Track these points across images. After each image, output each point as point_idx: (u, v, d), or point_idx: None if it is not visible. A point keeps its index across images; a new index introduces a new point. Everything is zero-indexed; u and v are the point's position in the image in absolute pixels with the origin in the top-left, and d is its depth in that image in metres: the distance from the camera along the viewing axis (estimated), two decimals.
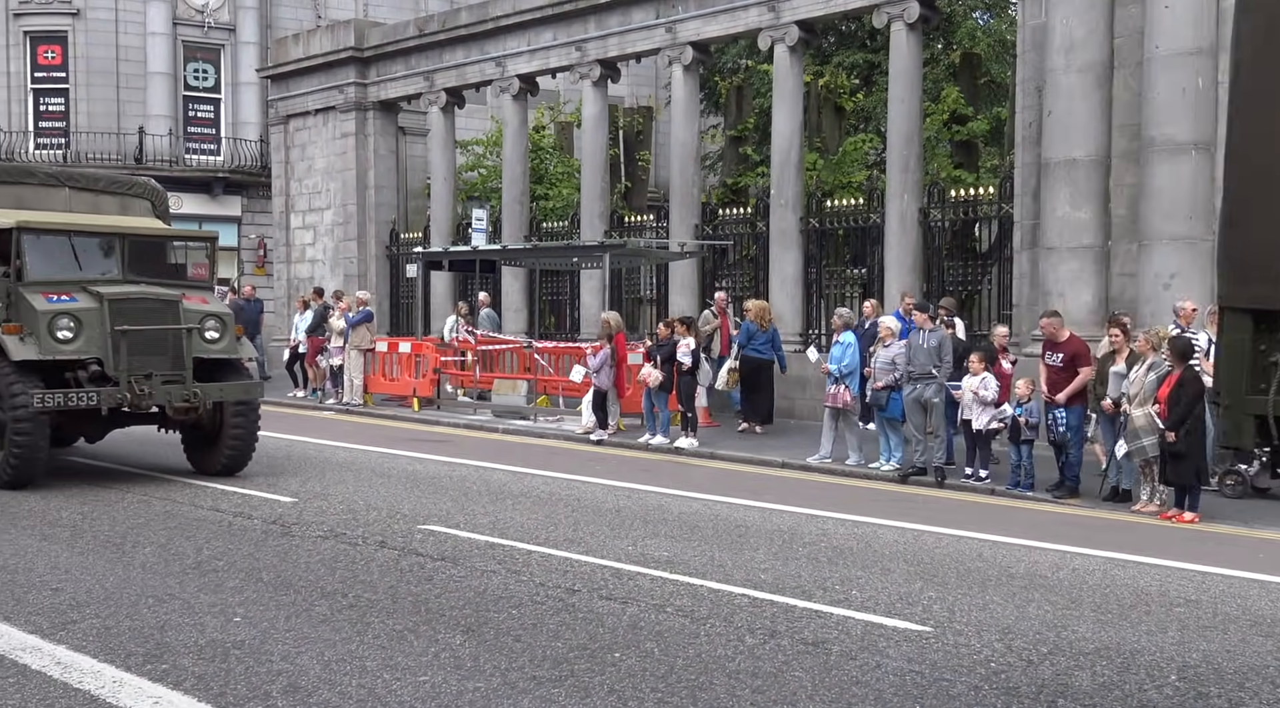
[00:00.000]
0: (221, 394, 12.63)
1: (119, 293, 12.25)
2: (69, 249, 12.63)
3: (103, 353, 12.02)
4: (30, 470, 11.84)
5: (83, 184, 13.93)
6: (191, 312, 12.57)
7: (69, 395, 11.76)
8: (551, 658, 6.73)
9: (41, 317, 11.86)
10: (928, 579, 8.97)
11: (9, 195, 13.22)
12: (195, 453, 13.37)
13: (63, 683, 6.11)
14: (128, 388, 11.93)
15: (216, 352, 12.78)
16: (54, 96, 35.23)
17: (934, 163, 24.37)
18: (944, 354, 13.66)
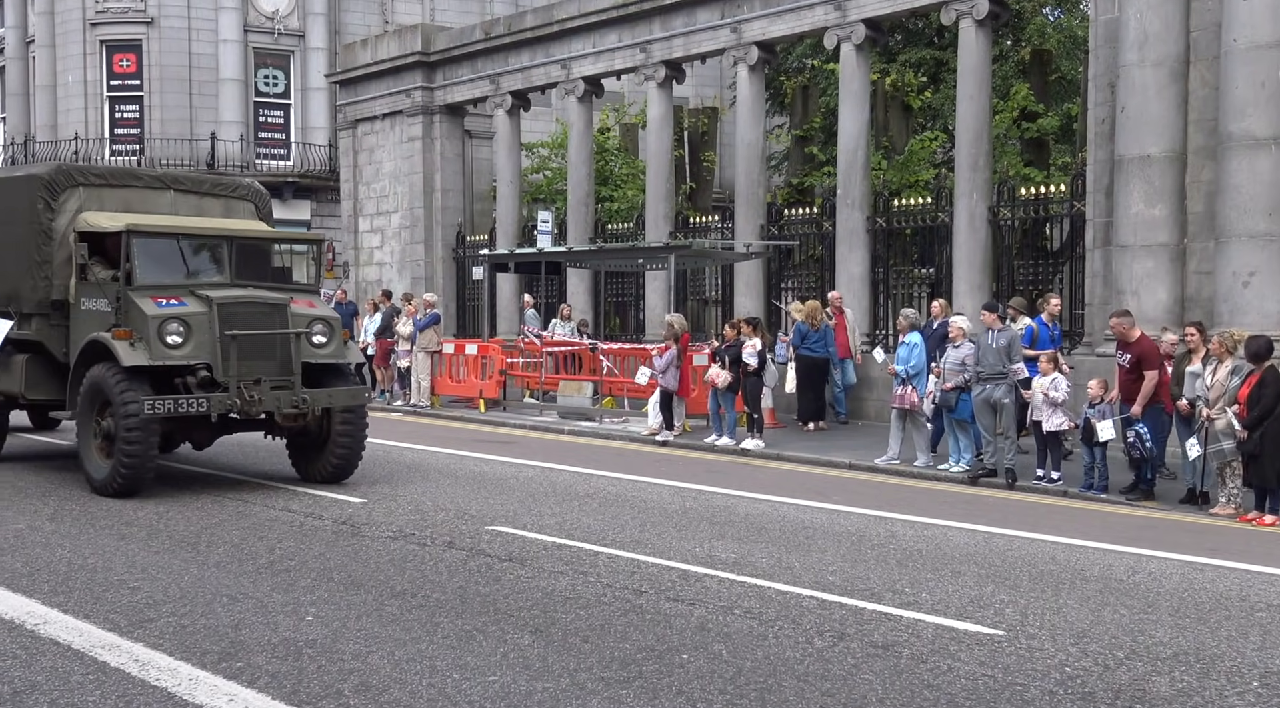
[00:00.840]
0: (330, 400, 12.31)
1: (228, 297, 12.04)
2: (177, 252, 12.43)
3: (212, 358, 11.77)
4: (140, 478, 11.62)
5: (187, 187, 13.74)
6: (299, 315, 12.31)
7: (179, 402, 11.51)
8: (619, 659, 6.72)
9: (151, 321, 11.61)
10: (999, 582, 8.85)
11: (116, 198, 13.06)
12: (301, 460, 13.05)
13: (140, 680, 6.21)
14: (237, 394, 11.67)
15: (324, 356, 12.51)
16: (129, 104, 35.96)
17: (1003, 160, 24.07)
18: (1013, 354, 13.47)
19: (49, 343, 12.76)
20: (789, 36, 22.12)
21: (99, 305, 12.15)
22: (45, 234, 12.59)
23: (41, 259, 12.58)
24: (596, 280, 25.39)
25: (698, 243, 21.83)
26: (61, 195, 12.72)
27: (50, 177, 12.81)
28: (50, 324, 12.71)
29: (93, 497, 11.77)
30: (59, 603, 7.65)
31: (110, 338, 11.63)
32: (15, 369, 13.02)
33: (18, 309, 12.92)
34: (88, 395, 11.86)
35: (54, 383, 12.84)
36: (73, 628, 7.10)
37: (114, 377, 11.55)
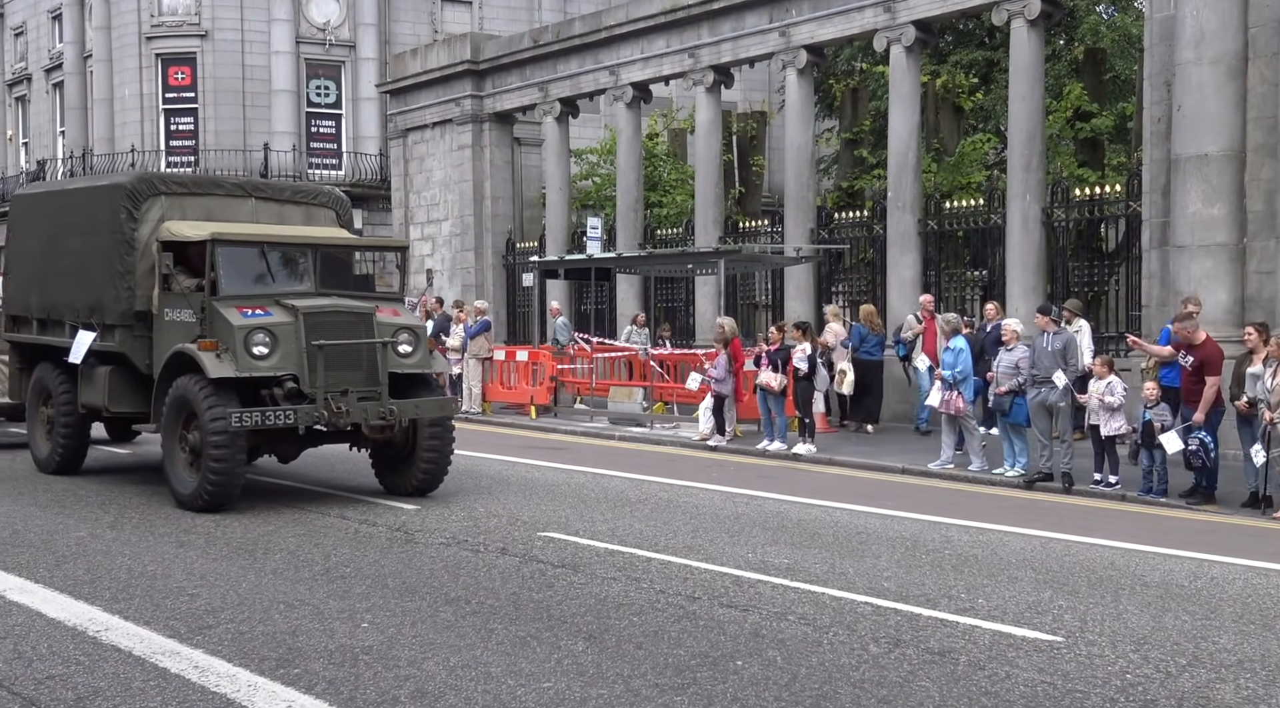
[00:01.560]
0: (417, 411, 11.97)
1: (313, 306, 11.75)
2: (262, 261, 12.16)
3: (298, 369, 11.49)
4: (227, 492, 11.38)
5: (268, 194, 13.54)
6: (384, 325, 12.03)
7: (266, 414, 11.24)
8: (674, 666, 6.71)
9: (237, 332, 11.35)
10: (1057, 588, 8.75)
11: (198, 207, 12.83)
12: (386, 473, 12.74)
13: (200, 686, 6.28)
14: (324, 405, 11.38)
15: (410, 366, 12.19)
16: (184, 116, 36.46)
17: (1057, 161, 23.82)
18: (1069, 357, 13.31)
19: (132, 355, 12.55)
20: (838, 39, 22.03)
21: (183, 316, 11.98)
22: (128, 244, 12.42)
23: (124, 270, 12.40)
24: (646, 286, 25.41)
25: (747, 247, 21.78)
26: (144, 204, 12.55)
27: (133, 186, 12.64)
28: (133, 335, 12.50)
29: (152, 505, 11.92)
30: (120, 610, 7.76)
31: (196, 349, 11.42)
32: (98, 382, 12.85)
33: (100, 320, 12.73)
34: (173, 408, 11.66)
35: (137, 395, 12.68)
36: (134, 635, 7.20)
37: (200, 389, 11.32)
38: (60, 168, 39.17)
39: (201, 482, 11.32)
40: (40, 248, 14.11)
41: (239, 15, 35.85)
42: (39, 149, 42.06)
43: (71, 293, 13.20)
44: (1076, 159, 25.04)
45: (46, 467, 13.85)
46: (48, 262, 13.84)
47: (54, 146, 41.10)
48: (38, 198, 15.23)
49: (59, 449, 13.65)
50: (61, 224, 13.69)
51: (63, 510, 11.54)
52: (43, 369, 13.97)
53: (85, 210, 13.28)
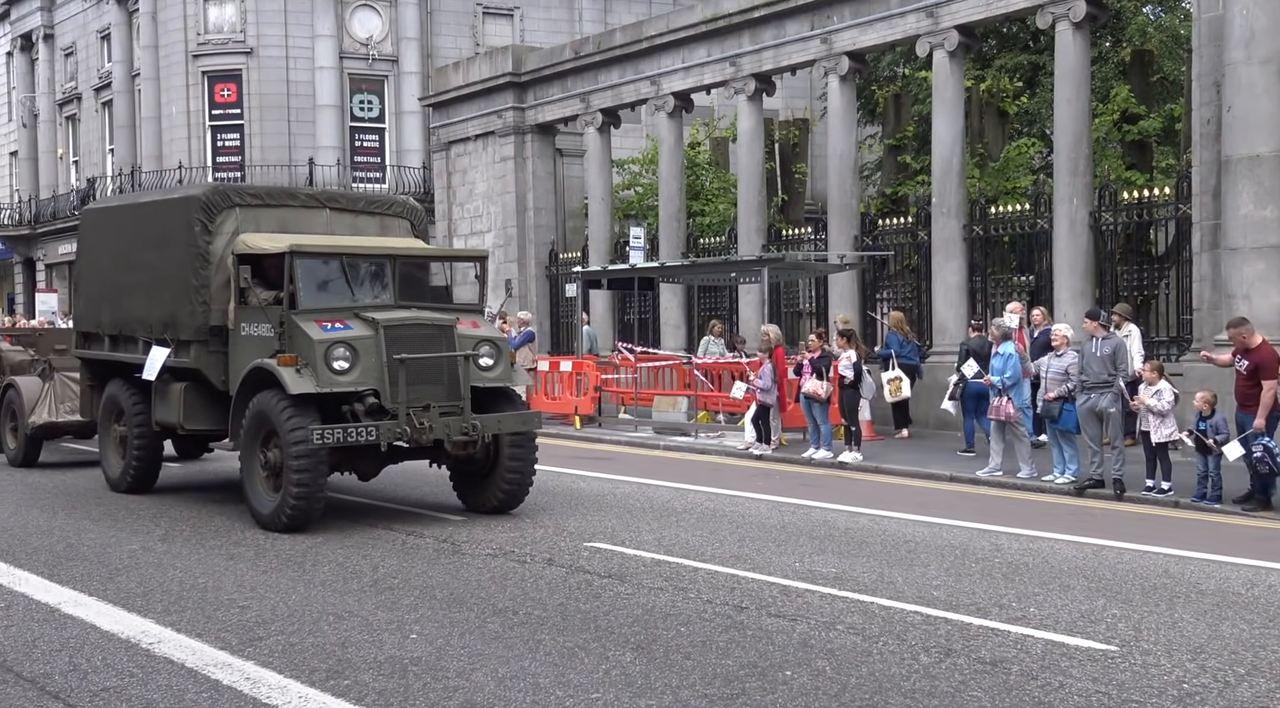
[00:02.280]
0: (499, 426, 11.62)
1: (394, 319, 11.41)
2: (340, 273, 11.88)
3: (379, 384, 11.16)
4: (310, 512, 11.05)
5: (342, 205, 13.17)
6: (465, 337, 11.72)
7: (348, 431, 10.88)
8: (722, 676, 6.68)
9: (318, 346, 11.01)
10: (1110, 596, 8.63)
11: (272, 219, 12.51)
12: (466, 489, 12.39)
13: (252, 698, 6.32)
14: (407, 421, 11.03)
15: (491, 380, 11.84)
16: (229, 132, 36.90)
17: (1104, 164, 23.59)
18: (1118, 362, 13.16)
19: (207, 370, 12.24)
20: (880, 45, 21.93)
21: (260, 330, 11.67)
22: (203, 257, 12.12)
23: (199, 284, 12.11)
24: (689, 295, 25.38)
25: (791, 255, 21.71)
26: (218, 217, 12.24)
27: (207, 198, 12.34)
28: (208, 351, 12.18)
29: (202, 517, 12.03)
30: (172, 622, 7.83)
31: (275, 364, 11.11)
32: (173, 398, 12.61)
33: (174, 336, 12.46)
34: (252, 425, 11.35)
35: (213, 412, 12.40)
36: (186, 647, 7.26)
37: (280, 405, 10.99)
38: (110, 186, 39.74)
39: (282, 501, 11.00)
40: (112, 263, 13.88)
41: (283, 32, 36.25)
42: (89, 167, 42.70)
43: (145, 308, 12.98)
44: (1124, 162, 24.78)
45: (119, 486, 13.61)
46: (120, 277, 13.62)
47: (103, 164, 41.72)
48: (108, 212, 15.00)
49: (132, 467, 13.42)
50: (134, 238, 13.49)
51: (115, 524, 11.68)
52: (114, 386, 13.76)
53: (158, 224, 13.04)
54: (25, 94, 46.87)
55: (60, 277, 46.27)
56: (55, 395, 15.93)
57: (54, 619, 7.94)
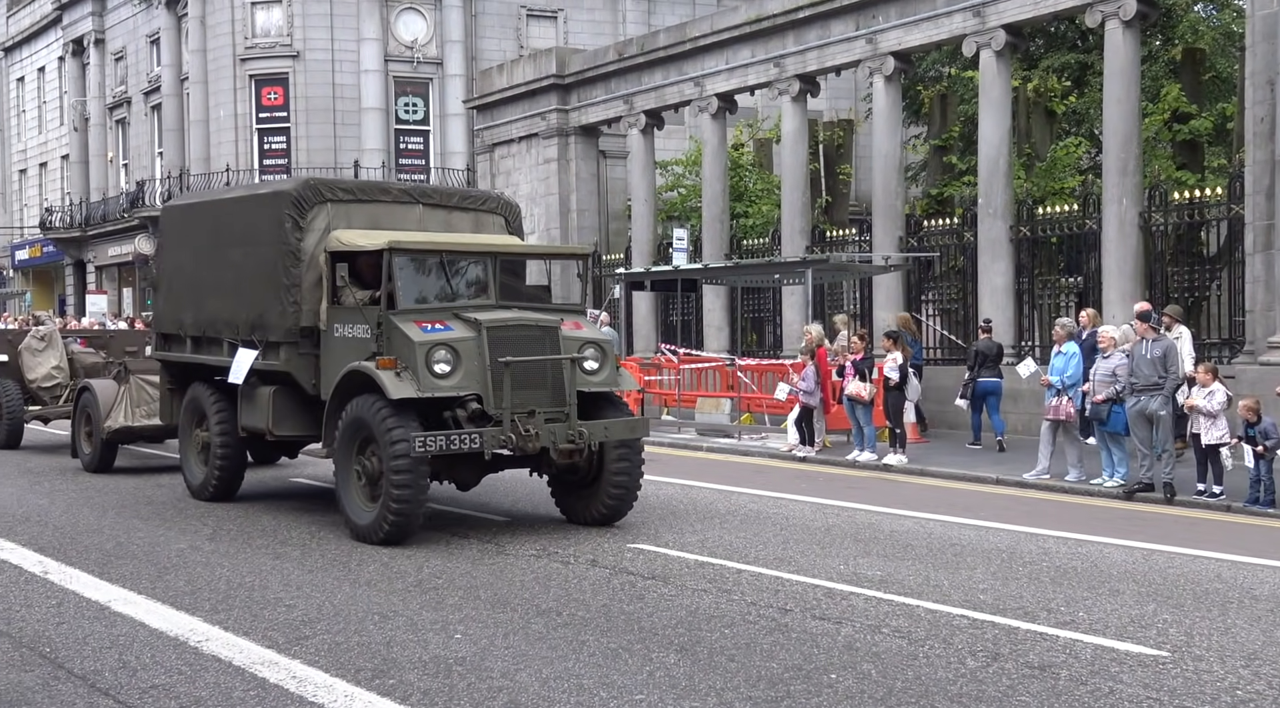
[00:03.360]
0: (606, 433, 10.99)
1: (497, 320, 10.77)
2: (440, 272, 11.31)
3: (482, 388, 10.54)
4: (410, 523, 10.46)
5: (436, 200, 12.56)
6: (570, 339, 11.09)
7: (451, 438, 10.27)
8: (767, 678, 6.64)
9: (418, 348, 10.40)
10: (1161, 601, 8.52)
11: (364, 215, 11.93)
12: (567, 500, 11.72)
13: (299, 696, 6.35)
14: (512, 428, 10.42)
15: (596, 384, 11.20)
16: (276, 135, 37.23)
17: (1154, 164, 23.30)
18: (1169, 364, 12.98)
19: (297, 374, 11.65)
20: (926, 45, 21.80)
21: (355, 332, 11.10)
22: (293, 255, 11.51)
23: (290, 283, 11.49)
24: (733, 297, 25.33)
25: (835, 256, 21.62)
26: (309, 213, 11.64)
27: (298, 193, 11.70)
28: (299, 353, 11.59)
29: (249, 517, 12.12)
30: (220, 620, 7.89)
31: (373, 368, 10.49)
32: (261, 403, 12.05)
33: (263, 338, 11.87)
34: (348, 432, 10.75)
35: (303, 417, 11.88)
36: (233, 645, 7.31)
37: (380, 411, 10.38)
38: (159, 188, 40.21)
39: (381, 512, 10.38)
40: (195, 262, 13.30)
41: (329, 35, 36.54)
42: (138, 170, 43.23)
43: (231, 309, 12.44)
44: (1175, 162, 24.47)
45: (201, 494, 13.07)
46: (203, 276, 13.03)
47: (152, 167, 42.22)
48: (191, 209, 14.33)
49: (215, 474, 12.86)
50: (219, 236, 12.88)
51: (164, 523, 11.79)
52: (196, 390, 13.27)
53: (245, 221, 12.47)
54: (76, 98, 47.54)
55: (109, 279, 46.91)
56: (131, 399, 15.41)
57: (104, 617, 8.03)
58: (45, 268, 52.64)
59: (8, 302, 53.65)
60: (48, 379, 18.22)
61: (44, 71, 51.89)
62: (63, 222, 47.35)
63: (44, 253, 50.70)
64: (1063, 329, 14.63)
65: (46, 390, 18.28)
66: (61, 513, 12.37)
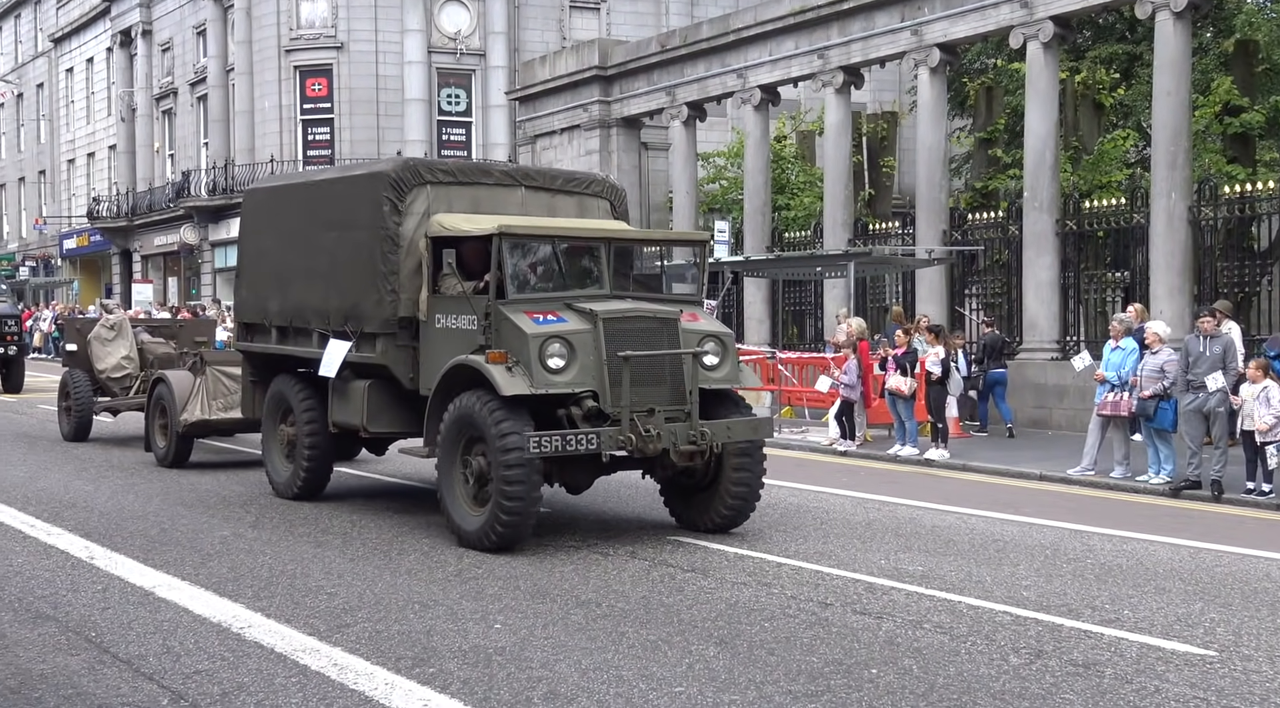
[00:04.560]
0: (729, 434, 10.22)
1: (613, 311, 10.05)
2: (552, 259, 10.64)
3: (598, 384, 9.82)
4: (522, 529, 9.72)
5: (539, 183, 11.80)
6: (688, 332, 10.32)
7: (567, 438, 9.54)
8: (807, 673, 6.61)
9: (531, 341, 9.68)
10: (1208, 600, 8.40)
11: (464, 198, 11.22)
12: (681, 504, 10.98)
13: (340, 684, 6.38)
14: (631, 428, 9.71)
15: (717, 381, 10.44)
16: (320, 126, 37.47)
17: (1203, 158, 22.97)
18: (1228, 361, 12.78)
19: (395, 367, 10.96)
20: (972, 37, 21.60)
21: (459, 323, 10.40)
22: (392, 240, 10.80)
23: (387, 270, 10.80)
24: (774, 289, 25.23)
25: (877, 250, 21.46)
26: (409, 195, 10.92)
27: (397, 174, 10.97)
28: (396, 345, 10.91)
29: (291, 504, 12.19)
30: (262, 608, 7.95)
31: (483, 362, 9.77)
32: (354, 398, 11.38)
33: (357, 328, 11.19)
34: (453, 430, 10.01)
35: (399, 413, 11.24)
36: (275, 632, 7.36)
37: (490, 409, 9.63)
38: (204, 178, 40.57)
39: (491, 517, 9.65)
40: (281, 247, 12.59)
41: (373, 27, 36.73)
42: (184, 161, 43.66)
43: (321, 298, 11.74)
44: (1225, 155, 24.11)
45: (286, 492, 12.39)
46: (291, 262, 12.33)
47: (198, 158, 42.63)
48: (277, 192, 13.55)
49: (302, 472, 12.17)
50: (308, 220, 12.17)
51: (207, 510, 11.89)
52: (281, 383, 12.55)
53: (339, 204, 11.74)
54: (124, 89, 48.07)
55: (155, 268, 47.43)
56: (208, 391, 14.72)
57: (149, 603, 8.10)
58: (92, 257, 53.33)
59: (56, 290, 54.41)
60: (117, 370, 17.43)
61: (92, 62, 52.51)
62: (110, 211, 47.92)
63: (91, 242, 51.36)
64: (1121, 325, 14.42)
65: (116, 381, 17.47)
66: (107, 499, 12.51)
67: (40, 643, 7.10)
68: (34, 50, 59.06)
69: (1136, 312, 16.41)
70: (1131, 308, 16.80)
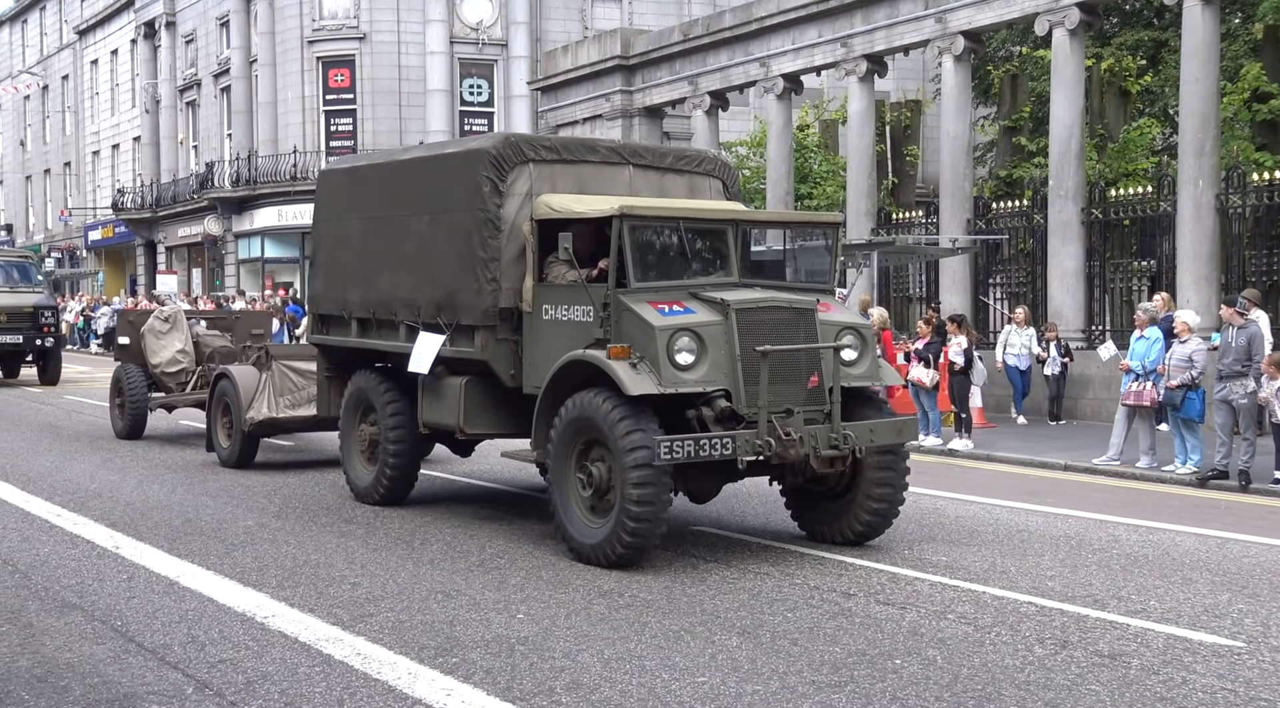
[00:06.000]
0: (872, 437, 9.20)
1: (747, 301, 9.11)
2: (675, 243, 9.56)
3: (730, 382, 8.90)
4: (649, 542, 8.79)
5: (648, 161, 10.84)
6: (825, 323, 9.40)
7: (700, 443, 8.56)
8: (830, 663, 6.58)
9: (659, 334, 8.74)
10: (1236, 591, 8.33)
11: (569, 177, 10.28)
12: (811, 514, 10.01)
13: (363, 673, 6.40)
14: (770, 431, 8.75)
15: (856, 378, 9.47)
16: (343, 117, 37.56)
17: (1231, 145, 22.76)
18: (1254, 353, 12.68)
19: (495, 362, 10.04)
20: (997, 24, 21.46)
21: (570, 314, 9.49)
22: (493, 224, 9.90)
23: (488, 256, 9.89)
24: None
25: (901, 239, 21.37)
26: (510, 174, 10.01)
27: (498, 151, 10.02)
28: (496, 339, 9.98)
29: (315, 495, 12.22)
30: (286, 597, 7.97)
31: (604, 358, 8.83)
32: (449, 396, 10.45)
33: (451, 320, 10.30)
34: (568, 433, 9.08)
35: (499, 412, 10.37)
36: (299, 621, 7.39)
37: (613, 409, 8.70)
38: (228, 169, 40.73)
39: (615, 529, 8.73)
40: (364, 233, 11.66)
41: (395, 17, 36.77)
42: (207, 152, 43.84)
43: (410, 287, 10.86)
44: (1254, 143, 23.88)
45: (368, 497, 11.53)
46: (375, 249, 11.42)
47: (221, 149, 42.79)
48: (357, 173, 12.42)
49: (386, 476, 11.30)
50: (394, 203, 11.26)
51: (232, 500, 11.94)
52: (362, 379, 11.63)
53: (431, 185, 10.81)
54: (148, 80, 48.28)
55: (179, 259, 47.66)
56: (274, 387, 13.78)
57: (173, 592, 8.14)
58: (117, 248, 53.64)
59: (81, 281, 54.77)
60: (173, 364, 16.56)
61: (116, 54, 52.77)
62: (134, 202, 48.17)
63: (116, 233, 51.66)
64: (1145, 314, 14.32)
65: (171, 376, 16.60)
66: (132, 489, 12.58)
67: (66, 632, 7.15)
68: (59, 43, 59.40)
69: (1163, 300, 16.28)
70: (1158, 297, 16.67)
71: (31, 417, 19.85)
